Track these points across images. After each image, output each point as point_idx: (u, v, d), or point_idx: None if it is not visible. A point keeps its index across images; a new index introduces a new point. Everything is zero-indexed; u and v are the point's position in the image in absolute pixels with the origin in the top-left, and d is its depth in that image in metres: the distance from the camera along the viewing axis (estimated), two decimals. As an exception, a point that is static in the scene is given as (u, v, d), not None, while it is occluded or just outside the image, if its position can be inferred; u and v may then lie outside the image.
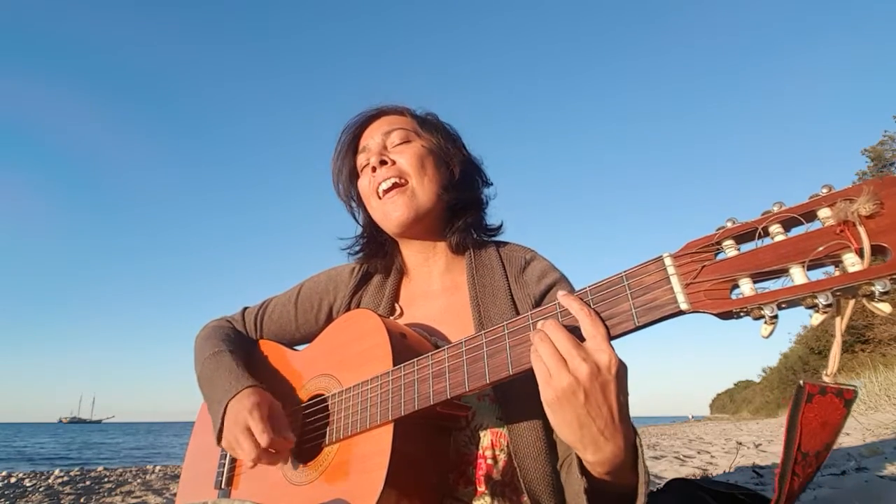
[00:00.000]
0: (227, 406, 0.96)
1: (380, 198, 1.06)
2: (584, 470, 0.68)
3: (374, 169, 1.06)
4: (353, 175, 1.15)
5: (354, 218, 1.19)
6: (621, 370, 0.62)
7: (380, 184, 1.05)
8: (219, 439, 0.98)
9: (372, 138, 1.10)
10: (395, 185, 1.04)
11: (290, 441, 0.92)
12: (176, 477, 6.29)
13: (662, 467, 4.06)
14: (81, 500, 4.29)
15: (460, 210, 1.09)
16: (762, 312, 0.51)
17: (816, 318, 0.49)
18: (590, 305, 0.65)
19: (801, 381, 0.48)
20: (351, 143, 1.15)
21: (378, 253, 1.15)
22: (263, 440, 0.87)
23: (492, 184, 1.16)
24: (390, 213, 1.04)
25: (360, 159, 1.12)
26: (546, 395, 0.63)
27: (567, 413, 0.62)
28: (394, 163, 1.05)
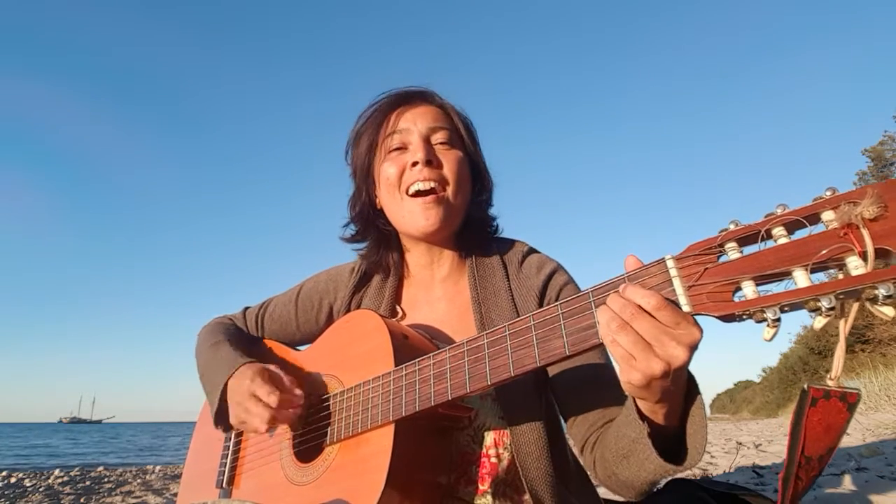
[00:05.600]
0: (224, 386, 0.98)
1: (409, 195, 0.99)
2: (643, 415, 0.66)
3: (415, 163, 0.98)
4: (373, 149, 1.06)
5: (356, 194, 1.10)
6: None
7: (416, 181, 0.98)
8: (216, 422, 1.00)
9: (414, 124, 1.01)
10: (431, 190, 0.98)
11: (299, 396, 0.93)
12: (176, 477, 6.30)
13: (663, 467, 4.05)
14: (81, 500, 4.29)
15: (475, 224, 1.08)
16: (765, 315, 0.51)
17: (819, 322, 0.48)
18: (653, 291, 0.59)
19: (806, 386, 0.47)
20: (384, 116, 1.04)
21: (381, 244, 1.10)
22: (272, 400, 0.89)
23: (493, 204, 1.13)
24: (418, 219, 0.98)
25: (392, 140, 1.02)
26: (632, 377, 0.59)
27: (654, 389, 0.60)
28: (440, 165, 1.00)
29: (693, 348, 0.57)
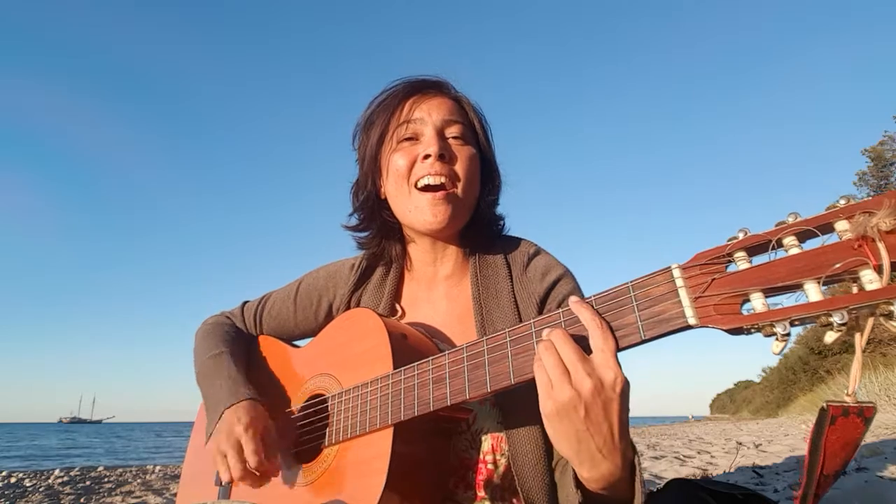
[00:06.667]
0: (222, 414, 0.95)
1: (418, 189, 0.96)
2: (579, 484, 0.67)
3: (427, 156, 0.95)
4: (383, 137, 1.02)
5: (361, 182, 1.07)
6: (626, 388, 0.61)
7: (426, 175, 0.94)
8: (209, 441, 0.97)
9: (428, 115, 0.98)
10: (441, 186, 0.95)
11: (275, 470, 0.91)
12: (176, 477, 6.29)
13: (662, 467, 4.06)
14: (81, 500, 4.28)
15: (482, 223, 1.05)
16: (774, 330, 0.49)
17: (830, 336, 0.47)
18: (601, 316, 0.63)
19: (825, 404, 0.45)
20: (398, 103, 1.01)
21: (384, 235, 1.07)
22: (252, 461, 0.86)
23: (499, 203, 1.10)
24: (425, 215, 0.95)
25: (405, 129, 0.99)
26: (545, 406, 0.62)
27: (566, 426, 0.61)
28: (452, 161, 0.97)
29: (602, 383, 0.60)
